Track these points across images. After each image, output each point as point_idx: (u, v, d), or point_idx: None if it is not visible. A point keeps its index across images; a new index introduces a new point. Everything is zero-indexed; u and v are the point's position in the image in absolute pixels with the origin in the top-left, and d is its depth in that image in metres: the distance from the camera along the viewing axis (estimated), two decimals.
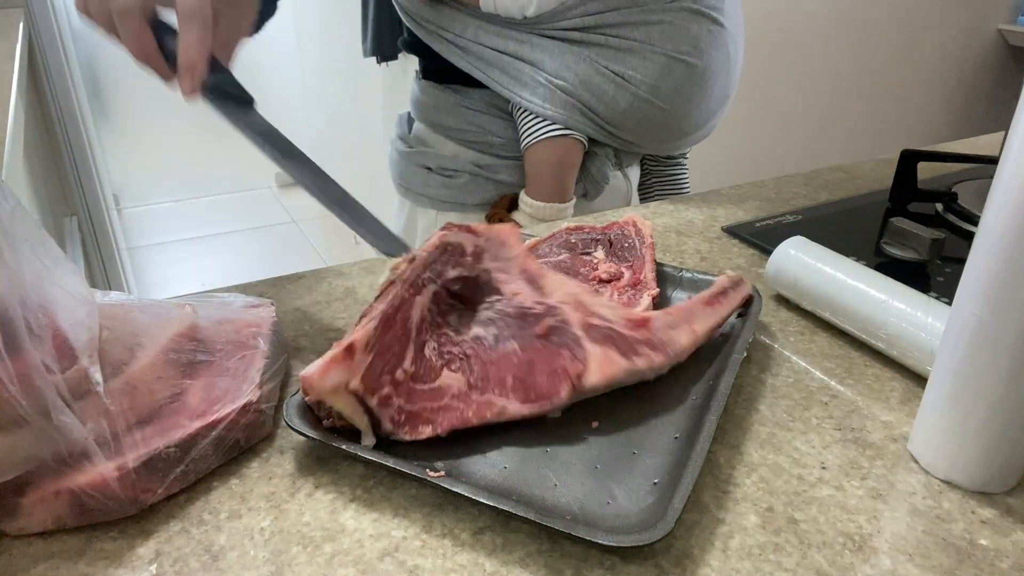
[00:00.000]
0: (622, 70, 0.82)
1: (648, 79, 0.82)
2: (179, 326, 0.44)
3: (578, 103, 0.84)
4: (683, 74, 0.83)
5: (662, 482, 0.41)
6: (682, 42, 0.82)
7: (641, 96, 0.83)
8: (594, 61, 0.82)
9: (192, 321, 0.45)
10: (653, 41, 0.81)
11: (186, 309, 0.46)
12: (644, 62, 0.82)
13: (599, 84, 0.83)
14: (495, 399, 0.42)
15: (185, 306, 0.46)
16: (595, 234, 0.61)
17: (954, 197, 0.81)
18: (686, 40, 0.82)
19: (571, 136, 0.87)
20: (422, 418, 0.42)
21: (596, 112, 0.85)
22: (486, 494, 0.38)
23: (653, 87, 0.83)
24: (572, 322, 0.46)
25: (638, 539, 0.35)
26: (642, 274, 0.56)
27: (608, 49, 0.82)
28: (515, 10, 0.82)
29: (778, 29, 2.68)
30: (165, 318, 0.44)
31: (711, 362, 0.50)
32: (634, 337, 0.47)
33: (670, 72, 0.82)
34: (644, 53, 0.81)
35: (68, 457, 0.36)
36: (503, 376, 0.44)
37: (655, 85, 0.83)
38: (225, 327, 0.47)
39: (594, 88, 0.83)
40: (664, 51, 0.81)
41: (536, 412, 0.44)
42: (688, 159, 1.09)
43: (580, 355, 0.44)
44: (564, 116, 0.85)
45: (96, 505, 0.37)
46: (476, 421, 0.42)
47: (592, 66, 0.83)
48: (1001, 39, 3.16)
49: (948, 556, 0.38)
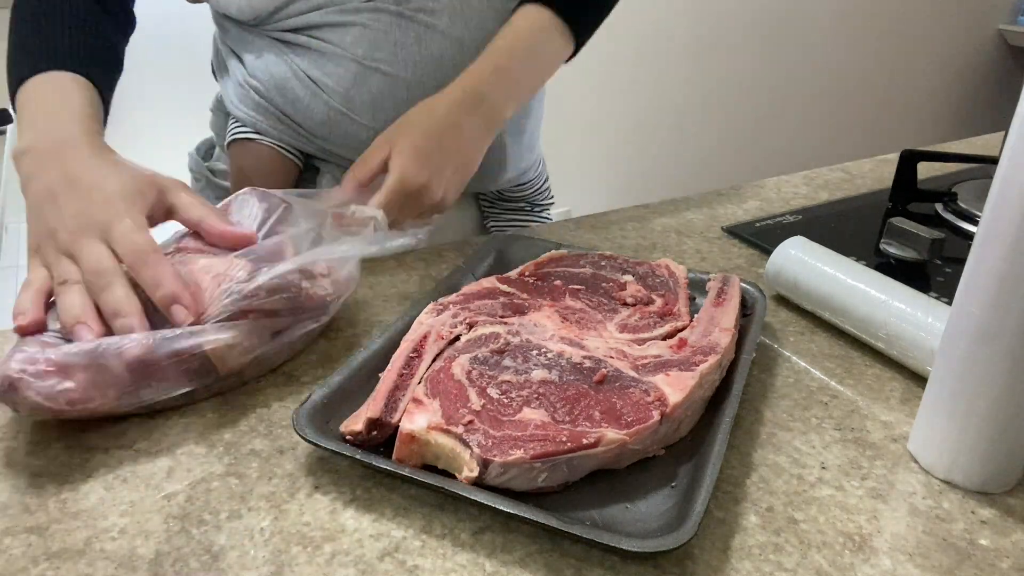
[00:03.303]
0: (318, 76, 0.72)
1: (340, 88, 0.72)
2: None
3: (271, 107, 0.75)
4: (380, 85, 0.72)
5: (679, 485, 0.41)
6: (377, 49, 0.71)
7: (334, 106, 0.73)
8: (292, 64, 0.73)
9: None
10: (346, 46, 0.71)
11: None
12: (338, 69, 0.71)
13: (293, 89, 0.73)
14: (589, 429, 0.41)
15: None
16: (627, 266, 0.61)
17: (954, 197, 0.81)
18: (383, 47, 0.71)
19: (259, 142, 0.77)
20: (511, 442, 0.40)
21: (296, 120, 0.75)
22: (486, 494, 0.38)
23: (346, 97, 0.72)
24: (623, 368, 0.46)
25: (661, 544, 0.35)
26: (675, 307, 0.55)
27: (310, 52, 0.72)
28: (233, 10, 0.74)
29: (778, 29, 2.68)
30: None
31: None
32: (684, 355, 0.48)
33: (364, 82, 0.72)
34: (338, 59, 0.71)
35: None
36: (589, 411, 0.43)
37: (348, 96, 0.72)
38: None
39: (288, 93, 0.74)
40: (355, 57, 0.71)
41: (635, 437, 0.41)
42: (545, 206, 0.93)
43: (649, 387, 0.44)
44: (253, 118, 0.77)
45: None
46: (570, 446, 0.40)
47: (290, 68, 0.73)
48: (1001, 39, 3.16)
49: (948, 556, 0.38)
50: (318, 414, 0.43)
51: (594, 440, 0.40)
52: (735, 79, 2.70)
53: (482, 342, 0.48)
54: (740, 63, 2.68)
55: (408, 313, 0.53)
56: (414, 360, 0.47)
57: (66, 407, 0.43)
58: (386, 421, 0.42)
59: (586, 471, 0.41)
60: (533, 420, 0.41)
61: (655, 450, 0.43)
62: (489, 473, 0.39)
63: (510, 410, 0.42)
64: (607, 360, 0.47)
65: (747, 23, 2.62)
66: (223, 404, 0.48)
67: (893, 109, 3.07)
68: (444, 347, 0.48)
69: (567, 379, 0.45)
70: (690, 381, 0.45)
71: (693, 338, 0.50)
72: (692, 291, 0.59)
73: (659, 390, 0.44)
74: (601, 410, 0.43)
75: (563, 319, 0.52)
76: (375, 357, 0.49)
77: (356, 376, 0.47)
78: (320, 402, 0.44)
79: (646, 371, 0.46)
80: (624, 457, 0.42)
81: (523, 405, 0.43)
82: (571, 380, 0.45)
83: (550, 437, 0.40)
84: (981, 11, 3.06)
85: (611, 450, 0.40)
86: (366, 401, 0.43)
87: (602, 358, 0.47)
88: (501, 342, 0.48)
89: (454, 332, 0.50)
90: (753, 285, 0.58)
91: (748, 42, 2.65)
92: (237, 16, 0.74)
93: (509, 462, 0.39)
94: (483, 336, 0.49)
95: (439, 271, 0.67)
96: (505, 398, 0.43)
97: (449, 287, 0.58)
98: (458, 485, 0.39)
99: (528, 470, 0.39)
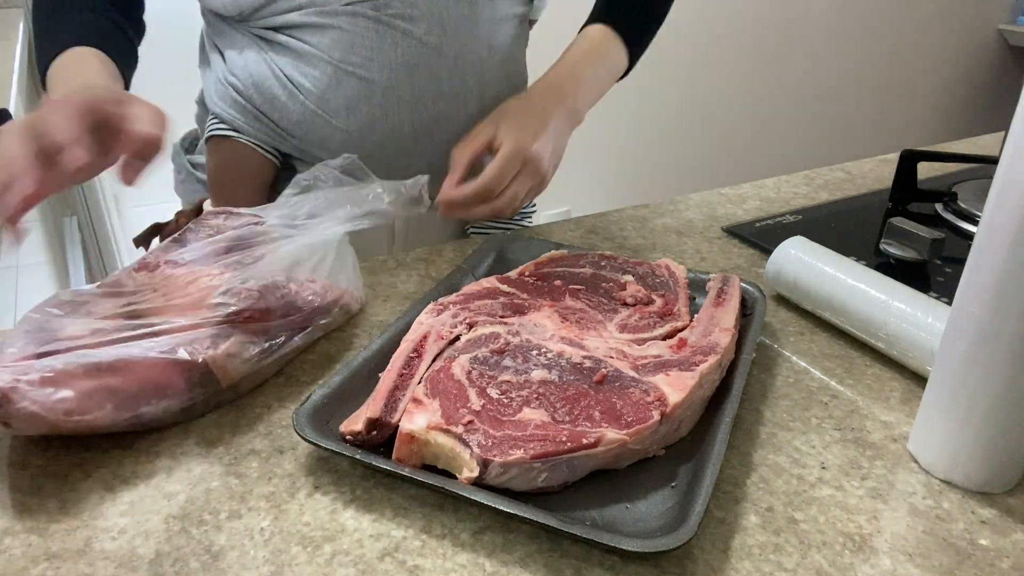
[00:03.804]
0: (296, 76, 0.73)
1: (316, 89, 0.72)
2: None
3: (249, 104, 0.76)
4: (355, 89, 0.72)
5: (679, 485, 0.41)
6: (353, 52, 0.71)
7: (310, 107, 0.73)
8: (272, 63, 0.73)
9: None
10: (324, 48, 0.71)
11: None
12: (314, 70, 0.72)
13: (271, 88, 0.74)
14: (589, 429, 0.41)
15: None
16: (627, 266, 0.61)
17: (954, 197, 0.81)
18: (359, 51, 0.71)
19: (236, 139, 0.77)
20: (511, 442, 0.40)
21: (272, 119, 0.75)
22: (486, 494, 0.38)
23: (322, 99, 0.73)
24: (623, 368, 0.46)
25: (662, 544, 0.35)
26: (675, 307, 0.55)
27: (289, 52, 0.73)
28: (218, 4, 0.74)
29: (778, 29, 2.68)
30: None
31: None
32: (684, 355, 0.48)
33: (339, 84, 0.72)
34: (315, 60, 0.72)
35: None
36: (589, 411, 0.43)
37: (323, 97, 0.73)
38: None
39: (265, 91, 0.74)
40: (332, 60, 0.71)
41: (635, 437, 0.41)
42: (527, 213, 0.93)
43: (648, 387, 0.44)
44: (231, 116, 0.77)
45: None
46: (570, 446, 0.40)
47: (269, 67, 0.74)
48: (1001, 39, 3.16)
49: (948, 556, 0.38)
50: (318, 414, 0.43)
51: (594, 440, 0.40)
52: (735, 79, 2.70)
53: (482, 342, 0.48)
54: (740, 63, 2.68)
55: (408, 313, 0.53)
56: (414, 360, 0.47)
57: (62, 418, 0.41)
58: (386, 421, 0.42)
59: (586, 471, 0.41)
60: (533, 420, 0.42)
61: (655, 450, 0.43)
62: (489, 473, 0.39)
63: (510, 410, 0.42)
64: (607, 360, 0.47)
65: (747, 23, 2.62)
66: (223, 404, 0.48)
67: (893, 109, 3.07)
68: (444, 347, 0.48)
69: (567, 379, 0.45)
70: (690, 381, 0.45)
71: (693, 338, 0.50)
72: (692, 291, 0.59)
73: (659, 390, 0.44)
74: (601, 410, 0.43)
75: (563, 319, 0.52)
76: (375, 357, 0.49)
77: (356, 376, 0.47)
78: (320, 402, 0.44)
79: (646, 371, 0.46)
80: (624, 457, 0.42)
81: (523, 405, 0.43)
82: (571, 380, 0.45)
83: (550, 437, 0.40)
84: (981, 11, 3.06)
85: (611, 450, 0.40)
86: (366, 401, 0.43)
87: (602, 358, 0.47)
88: (501, 342, 0.48)
89: (454, 332, 0.50)
90: (753, 285, 0.58)
91: (748, 42, 2.65)
92: (222, 11, 0.75)
93: (509, 462, 0.39)
94: (483, 336, 0.49)
95: (439, 271, 0.67)
96: (505, 398, 0.43)
97: (449, 287, 0.58)
98: (458, 485, 0.39)
99: (528, 470, 0.39)
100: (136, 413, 0.44)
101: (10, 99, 1.07)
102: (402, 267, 0.68)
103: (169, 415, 0.45)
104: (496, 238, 0.67)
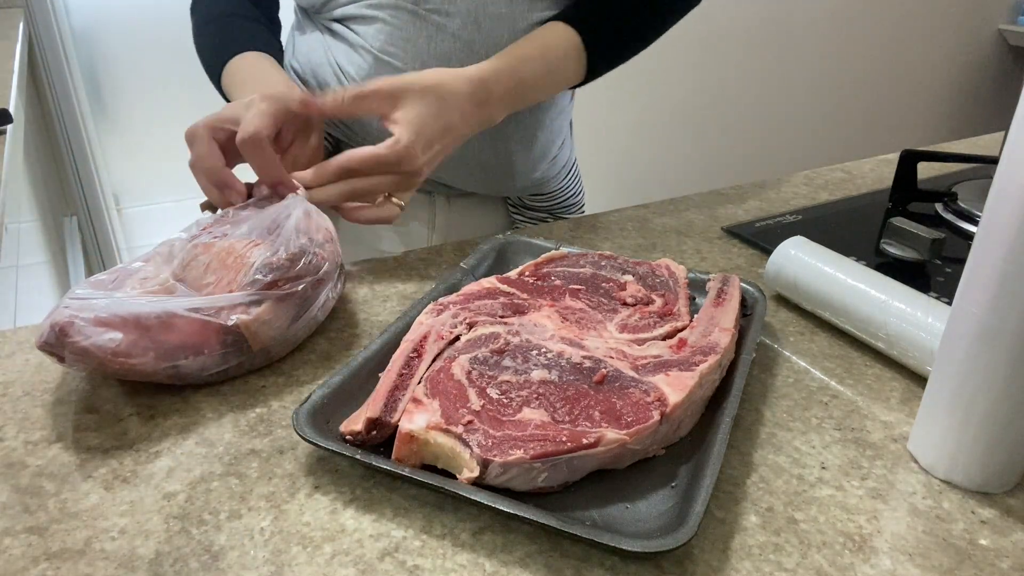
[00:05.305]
0: (344, 64, 0.78)
1: (358, 77, 0.77)
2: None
3: (305, 89, 0.79)
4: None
5: (679, 485, 0.41)
6: (391, 43, 0.75)
7: None
8: (328, 50, 0.79)
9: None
10: (368, 38, 0.76)
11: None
12: (359, 59, 0.77)
13: (324, 74, 0.79)
14: (589, 429, 0.41)
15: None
16: (627, 266, 0.61)
17: (954, 197, 0.81)
18: (396, 42, 0.75)
19: None
20: (511, 442, 0.40)
21: None
22: (486, 494, 0.38)
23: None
24: (623, 368, 0.46)
25: (661, 544, 0.35)
26: (675, 307, 0.55)
27: (343, 40, 0.78)
28: None
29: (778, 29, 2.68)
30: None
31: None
32: (684, 356, 0.48)
33: (376, 73, 0.75)
34: (361, 50, 0.76)
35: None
36: (589, 412, 0.43)
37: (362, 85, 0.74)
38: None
39: (320, 77, 0.80)
40: (373, 49, 0.75)
41: (635, 437, 0.41)
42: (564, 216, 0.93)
43: (648, 387, 0.44)
44: None
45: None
46: (570, 446, 0.40)
47: (325, 55, 0.79)
48: (1001, 39, 3.16)
49: (948, 556, 0.38)
50: (318, 414, 0.43)
51: (594, 440, 0.40)
52: (735, 79, 2.69)
53: (482, 342, 0.48)
54: (740, 63, 2.68)
55: (408, 313, 0.53)
56: (414, 360, 0.47)
57: (110, 357, 0.45)
58: (386, 421, 0.42)
59: (586, 471, 0.41)
60: (533, 420, 0.41)
61: (655, 450, 0.43)
62: (489, 473, 0.39)
63: (510, 410, 0.42)
64: (607, 360, 0.47)
65: (747, 23, 2.62)
66: (223, 404, 0.49)
67: (893, 109, 3.06)
68: (444, 347, 0.48)
69: (567, 379, 0.45)
70: (690, 381, 0.45)
71: (693, 338, 0.50)
72: (692, 291, 0.59)
73: (659, 390, 0.44)
74: (601, 410, 0.42)
75: (563, 319, 0.52)
76: (375, 357, 0.49)
77: (356, 376, 0.47)
78: (320, 402, 0.44)
79: (646, 371, 0.46)
80: (624, 457, 0.42)
81: (523, 405, 0.43)
82: (571, 380, 0.45)
83: (550, 437, 0.40)
84: (981, 11, 3.06)
85: (611, 450, 0.40)
86: (366, 401, 0.43)
87: (602, 358, 0.47)
88: (501, 342, 0.48)
89: (454, 332, 0.50)
90: (753, 285, 0.58)
91: (748, 42, 2.65)
92: (301, 2, 0.82)
93: (509, 462, 0.39)
94: (483, 336, 0.49)
95: (439, 271, 0.67)
96: (505, 398, 0.43)
97: (449, 287, 0.58)
98: (458, 485, 0.39)
99: (528, 470, 0.39)
100: (175, 365, 0.47)
101: (10, 99, 1.07)
102: (402, 267, 0.68)
103: (206, 373, 0.49)
104: (496, 238, 0.67)
